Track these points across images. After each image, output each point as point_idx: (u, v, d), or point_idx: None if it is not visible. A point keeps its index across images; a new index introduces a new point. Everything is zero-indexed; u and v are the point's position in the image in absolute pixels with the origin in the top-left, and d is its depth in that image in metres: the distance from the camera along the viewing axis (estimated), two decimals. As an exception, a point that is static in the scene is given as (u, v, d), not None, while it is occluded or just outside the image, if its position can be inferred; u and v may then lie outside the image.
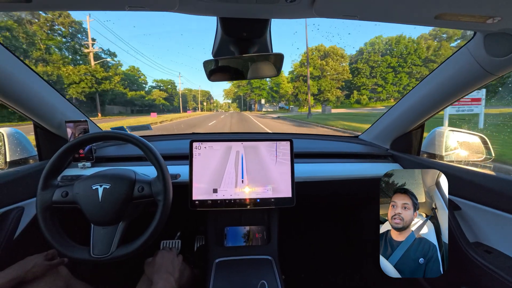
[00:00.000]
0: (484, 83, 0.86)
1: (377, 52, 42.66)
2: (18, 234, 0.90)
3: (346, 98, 46.17)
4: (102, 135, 0.81)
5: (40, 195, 0.74)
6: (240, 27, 0.74)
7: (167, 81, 65.93)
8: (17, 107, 0.94)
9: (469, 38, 0.81)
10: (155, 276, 0.78)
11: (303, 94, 44.27)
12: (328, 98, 43.29)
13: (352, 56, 46.74)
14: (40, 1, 0.55)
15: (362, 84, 43.68)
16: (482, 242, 0.89)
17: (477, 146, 1.20)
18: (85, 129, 1.07)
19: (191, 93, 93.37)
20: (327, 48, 43.22)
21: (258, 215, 1.17)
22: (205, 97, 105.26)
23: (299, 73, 44.44)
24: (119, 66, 37.37)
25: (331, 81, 42.84)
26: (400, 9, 0.60)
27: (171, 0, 0.56)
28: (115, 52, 38.14)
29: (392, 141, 1.32)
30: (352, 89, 45.36)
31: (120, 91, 38.71)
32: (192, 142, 1.00)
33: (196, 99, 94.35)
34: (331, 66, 42.01)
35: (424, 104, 1.07)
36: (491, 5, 0.56)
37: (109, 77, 30.77)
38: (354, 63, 44.77)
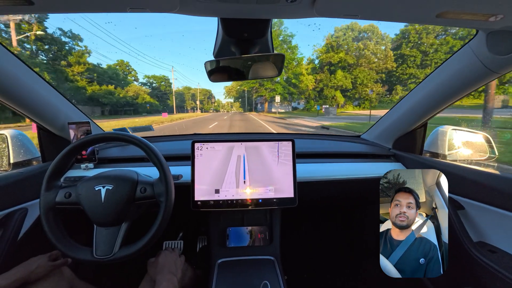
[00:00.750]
0: (487, 81, 0.86)
1: (430, 32, 31.04)
2: (21, 235, 0.90)
3: (385, 95, 35.50)
4: (105, 136, 0.82)
5: (44, 196, 0.74)
6: (241, 28, 0.74)
7: (160, 77, 56.88)
8: (21, 110, 0.95)
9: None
10: (158, 277, 0.78)
11: (331, 90, 32.71)
12: (365, 94, 32.13)
13: (393, 40, 35.06)
14: (42, 4, 0.55)
15: (410, 76, 32.27)
16: (486, 242, 0.89)
17: (480, 145, 1.20)
18: (88, 131, 1.08)
19: (189, 92, 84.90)
20: (363, 27, 31.90)
21: (260, 215, 1.17)
22: (205, 96, 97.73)
23: (324, 60, 32.93)
24: (85, 53, 30.06)
25: (370, 71, 31.88)
26: (401, 7, 0.60)
27: (172, 1, 0.56)
28: (79, 35, 29.72)
29: (395, 141, 1.32)
30: (393, 83, 34.30)
31: (77, 85, 30.01)
32: (194, 142, 1.00)
33: (195, 98, 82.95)
34: (371, 50, 31.27)
35: (427, 103, 1.06)
36: (493, 2, 0.56)
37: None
38: (397, 49, 33.73)
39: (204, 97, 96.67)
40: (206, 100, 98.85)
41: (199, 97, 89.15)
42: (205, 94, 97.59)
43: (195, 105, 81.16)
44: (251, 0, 0.57)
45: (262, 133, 2.29)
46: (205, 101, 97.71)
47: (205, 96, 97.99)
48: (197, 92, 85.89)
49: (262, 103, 47.90)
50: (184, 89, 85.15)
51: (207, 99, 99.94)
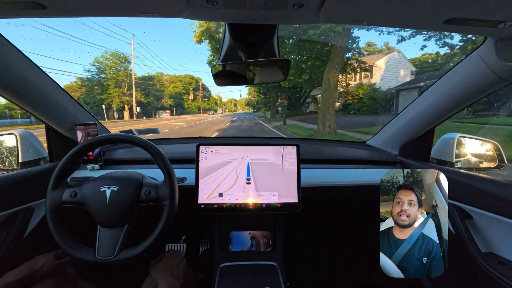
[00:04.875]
0: (495, 88, 0.85)
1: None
2: (27, 234, 0.92)
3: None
4: (112, 137, 0.83)
5: (50, 194, 0.76)
6: (248, 33, 0.75)
7: (118, 55, 30.23)
8: (31, 110, 0.97)
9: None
10: (160, 279, 0.78)
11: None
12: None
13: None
14: (55, 8, 0.57)
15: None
16: (495, 253, 0.86)
17: (489, 153, 1.17)
18: (95, 132, 1.10)
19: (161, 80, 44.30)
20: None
21: (264, 220, 1.16)
22: (190, 87, 51.79)
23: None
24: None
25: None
26: (409, 14, 0.60)
27: (180, 6, 0.57)
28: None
29: (401, 147, 1.30)
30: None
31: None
32: (199, 146, 1.01)
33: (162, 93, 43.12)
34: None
35: (434, 109, 1.05)
36: (502, 9, 0.55)
37: None
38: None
39: (186, 89, 51.06)
40: (191, 93, 53.46)
41: (180, 89, 48.61)
42: (188, 83, 51.51)
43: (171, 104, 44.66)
44: (258, 6, 0.57)
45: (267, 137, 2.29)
46: (191, 95, 52.99)
47: (190, 87, 52.07)
48: (162, 78, 45.06)
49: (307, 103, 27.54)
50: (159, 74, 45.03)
51: (192, 91, 53.91)
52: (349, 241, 1.66)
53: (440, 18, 0.59)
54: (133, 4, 0.57)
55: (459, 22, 0.61)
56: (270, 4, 0.56)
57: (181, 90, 50.11)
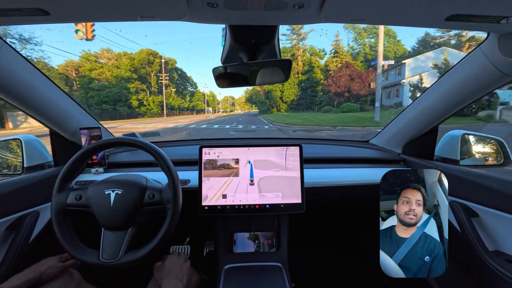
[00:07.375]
0: (499, 84, 0.84)
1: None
2: (33, 238, 0.92)
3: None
4: (115, 141, 0.83)
5: (55, 197, 0.76)
6: (249, 34, 0.75)
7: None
8: (35, 115, 0.98)
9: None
10: (164, 281, 0.78)
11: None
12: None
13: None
14: (58, 14, 0.58)
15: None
16: (503, 251, 0.85)
17: (494, 149, 1.16)
18: (98, 136, 1.10)
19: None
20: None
21: (268, 221, 1.16)
22: (151, 69, 34.12)
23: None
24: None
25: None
26: (410, 11, 0.59)
27: (181, 9, 0.57)
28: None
29: (404, 146, 1.29)
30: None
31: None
32: (202, 148, 1.01)
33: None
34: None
35: (437, 107, 1.04)
36: (504, 5, 0.55)
37: None
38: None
39: (138, 72, 32.73)
40: (174, 87, 40.23)
41: (106, 72, 29.54)
42: (144, 62, 33.30)
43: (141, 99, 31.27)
44: (258, 7, 0.57)
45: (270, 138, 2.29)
46: (143, 85, 33.02)
47: (143, 68, 33.56)
48: (134, 60, 31.38)
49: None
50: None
51: (177, 86, 40.71)
52: (354, 241, 1.65)
53: (442, 15, 0.59)
54: (134, 9, 0.57)
55: (461, 19, 0.60)
56: (271, 4, 0.56)
57: (126, 74, 29.80)
